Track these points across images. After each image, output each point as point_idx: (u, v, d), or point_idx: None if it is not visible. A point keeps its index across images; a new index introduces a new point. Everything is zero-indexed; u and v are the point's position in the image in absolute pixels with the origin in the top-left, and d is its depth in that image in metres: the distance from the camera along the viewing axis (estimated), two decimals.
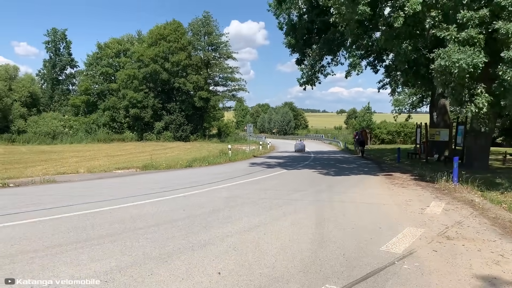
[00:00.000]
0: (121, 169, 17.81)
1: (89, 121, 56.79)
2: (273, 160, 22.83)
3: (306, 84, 22.34)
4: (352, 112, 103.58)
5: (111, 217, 7.17)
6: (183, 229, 6.34)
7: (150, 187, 11.26)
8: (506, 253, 5.27)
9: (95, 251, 5.08)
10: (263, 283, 4.12)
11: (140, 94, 52.06)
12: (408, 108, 39.90)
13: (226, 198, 9.40)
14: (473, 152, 15.91)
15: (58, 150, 35.68)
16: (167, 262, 4.73)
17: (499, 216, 7.53)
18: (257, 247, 5.40)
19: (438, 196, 9.77)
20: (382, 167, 18.42)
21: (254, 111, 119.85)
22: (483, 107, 10.74)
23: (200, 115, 55.44)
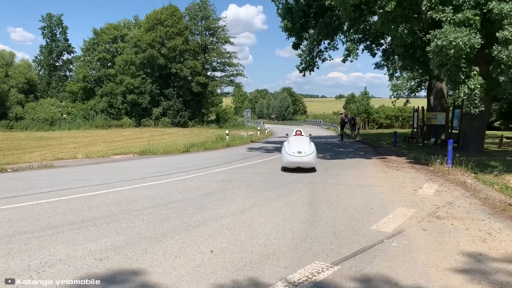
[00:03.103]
0: (119, 155, 17.87)
1: (86, 107, 56.64)
2: (270, 145, 22.89)
3: (305, 70, 22.33)
4: (350, 97, 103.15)
5: (107, 199, 7.27)
6: (178, 210, 6.44)
7: (147, 171, 11.35)
8: (493, 231, 5.39)
9: (90, 232, 5.19)
10: (254, 260, 4.23)
11: (138, 79, 51.81)
12: (407, 92, 39.87)
13: (222, 182, 9.50)
14: (468, 135, 15.98)
15: (56, 136, 35.69)
16: (161, 241, 4.84)
17: (490, 196, 7.65)
18: (250, 227, 5.51)
19: (431, 178, 9.88)
20: (379, 150, 18.51)
21: (253, 97, 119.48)
22: (475, 88, 10.80)
23: (198, 100, 55.29)
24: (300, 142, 11.29)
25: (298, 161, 10.56)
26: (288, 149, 10.90)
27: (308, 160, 10.57)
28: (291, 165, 10.75)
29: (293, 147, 10.91)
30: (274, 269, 3.99)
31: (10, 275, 3.76)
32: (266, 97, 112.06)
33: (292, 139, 11.76)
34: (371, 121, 49.22)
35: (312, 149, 10.86)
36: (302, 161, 10.54)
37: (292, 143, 11.16)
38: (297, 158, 10.50)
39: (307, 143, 11.19)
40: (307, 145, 11.04)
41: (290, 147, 10.92)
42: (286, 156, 10.73)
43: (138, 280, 3.70)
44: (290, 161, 10.63)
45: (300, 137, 12.23)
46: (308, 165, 10.70)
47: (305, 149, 10.77)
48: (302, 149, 10.71)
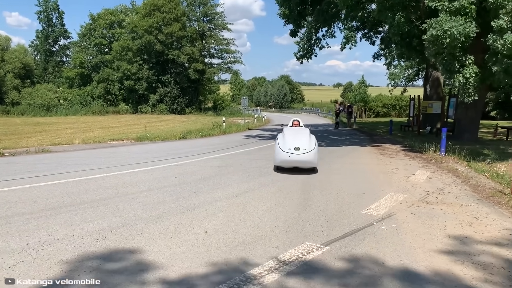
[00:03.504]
0: (115, 140, 17.95)
1: (83, 93, 56.44)
2: (267, 133, 22.99)
3: (303, 58, 22.32)
4: (348, 85, 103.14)
5: (104, 183, 7.38)
6: (174, 194, 6.56)
7: (143, 156, 11.45)
8: (480, 215, 5.54)
9: (88, 213, 5.30)
10: (247, 240, 4.37)
11: (135, 66, 51.55)
12: (404, 81, 39.89)
13: (217, 167, 9.62)
14: (463, 124, 16.13)
15: (53, 122, 35.66)
16: (157, 223, 4.97)
17: (480, 183, 7.80)
18: (243, 210, 5.64)
19: (424, 166, 10.03)
20: (374, 138, 18.65)
21: (250, 84, 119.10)
22: (470, 77, 10.90)
23: (195, 87, 55.14)
24: (298, 135, 9.14)
25: (295, 160, 8.50)
26: (283, 144, 8.70)
27: (307, 159, 8.49)
28: (286, 165, 8.74)
29: (289, 141, 8.68)
30: (265, 249, 4.12)
31: (9, 253, 3.88)
32: (264, 84, 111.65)
33: (288, 131, 9.62)
34: (368, 109, 49.28)
35: (313, 145, 8.69)
36: (300, 160, 8.48)
37: (288, 137, 8.96)
38: (293, 156, 8.45)
39: (306, 137, 9.00)
40: (307, 139, 8.83)
41: (285, 142, 8.70)
42: (280, 154, 8.65)
43: (134, 258, 3.83)
44: (285, 160, 8.59)
45: (298, 129, 10.10)
46: (307, 164, 8.66)
47: (304, 145, 8.58)
48: (300, 145, 8.53)
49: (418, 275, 3.56)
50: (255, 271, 3.57)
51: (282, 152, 8.57)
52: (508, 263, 3.91)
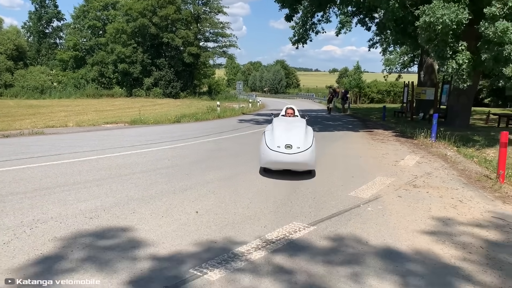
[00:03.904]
0: (109, 124, 17.95)
1: (77, 76, 55.95)
2: (261, 118, 23.06)
3: (298, 43, 22.25)
4: (344, 71, 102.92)
5: (97, 164, 7.47)
6: (166, 176, 6.67)
7: (137, 139, 11.51)
8: (465, 199, 5.70)
9: (81, 193, 5.40)
10: (236, 220, 4.50)
11: (129, 49, 51.11)
12: (399, 67, 39.92)
13: (210, 151, 9.71)
14: (455, 110, 16.28)
15: (47, 105, 35.46)
16: (149, 203, 5.08)
17: (468, 168, 7.97)
18: (234, 191, 5.77)
19: (414, 151, 10.19)
20: (367, 124, 18.79)
21: (246, 69, 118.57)
22: (463, 63, 11.00)
23: (190, 71, 54.83)
24: (291, 129, 7.10)
25: (285, 162, 6.47)
26: (271, 141, 6.66)
27: (302, 160, 6.46)
28: (275, 167, 6.80)
29: (279, 137, 6.64)
30: (254, 228, 4.26)
31: (4, 230, 3.98)
32: (259, 69, 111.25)
33: (278, 123, 7.57)
34: (363, 95, 49.38)
35: (310, 142, 6.69)
36: (293, 161, 6.45)
37: (278, 131, 6.91)
38: (284, 157, 6.38)
39: (301, 131, 7.00)
40: (301, 134, 6.83)
41: (274, 138, 6.67)
42: (266, 153, 6.60)
43: (126, 235, 3.94)
44: (274, 161, 6.54)
45: (291, 120, 8.03)
46: (302, 167, 6.70)
47: (298, 141, 6.55)
48: (293, 142, 6.51)
49: (400, 254, 3.71)
50: (243, 248, 3.70)
51: (269, 151, 6.50)
52: (487, 243, 4.07)
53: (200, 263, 3.34)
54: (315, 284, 3.06)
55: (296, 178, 6.62)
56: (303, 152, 6.44)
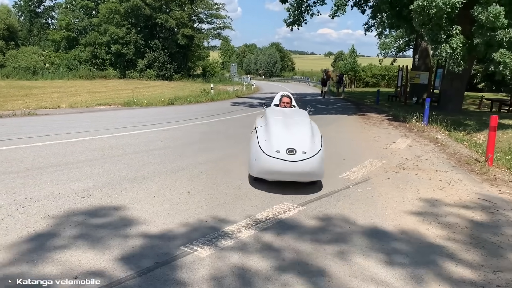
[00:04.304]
0: (102, 105, 17.87)
1: (70, 57, 55.26)
2: (255, 101, 23.04)
3: (293, 25, 22.06)
4: (339, 54, 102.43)
5: (90, 145, 7.48)
6: (159, 157, 6.71)
7: (130, 121, 11.50)
8: (453, 181, 5.80)
9: (73, 173, 5.43)
10: (227, 200, 4.56)
11: (122, 29, 50.45)
12: (394, 51, 39.84)
13: (203, 133, 9.74)
14: (448, 95, 16.35)
15: (39, 86, 35.10)
16: (142, 183, 5.13)
17: (457, 152, 8.07)
18: (226, 172, 5.83)
19: (406, 134, 10.28)
20: (361, 108, 18.86)
21: (241, 52, 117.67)
22: (457, 47, 11.02)
23: (184, 53, 54.34)
24: (292, 125, 5.35)
25: (288, 171, 4.69)
26: (267, 142, 4.89)
27: (309, 169, 4.71)
28: (273, 177, 4.92)
29: (278, 138, 4.90)
30: (244, 208, 4.33)
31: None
32: (254, 52, 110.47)
33: (273, 116, 5.77)
34: (358, 79, 49.30)
35: (319, 143, 4.99)
36: (298, 171, 4.68)
37: (276, 129, 5.16)
38: (286, 165, 4.63)
39: (306, 129, 5.26)
40: (307, 133, 5.10)
41: (272, 138, 4.92)
42: (262, 159, 4.77)
43: (118, 214, 4.00)
44: (271, 170, 4.75)
45: (290, 112, 6.17)
46: (309, 177, 4.93)
47: (304, 143, 4.82)
48: (296, 144, 4.77)
49: (386, 233, 3.80)
50: (233, 227, 3.77)
51: (264, 158, 4.70)
52: (472, 223, 4.17)
53: (191, 241, 3.41)
54: (302, 261, 3.15)
55: None
56: (311, 159, 4.63)
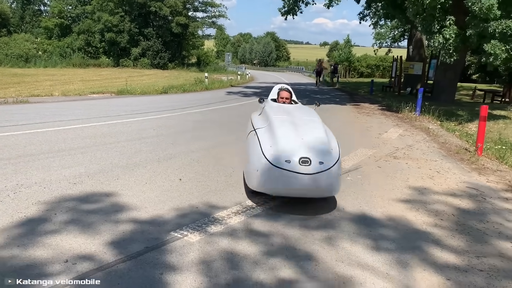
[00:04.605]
0: (96, 93, 17.78)
1: (63, 44, 54.69)
2: (250, 90, 23.00)
3: (288, 14, 21.96)
4: (335, 44, 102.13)
5: (82, 133, 7.47)
6: (151, 145, 6.72)
7: (123, 109, 11.47)
8: (442, 170, 5.88)
9: (65, 160, 5.44)
10: (218, 188, 4.60)
11: (116, 17, 49.94)
12: (390, 42, 39.82)
13: (197, 121, 9.74)
14: (442, 86, 16.43)
15: (32, 73, 34.79)
16: (133, 170, 5.15)
17: (448, 141, 8.15)
18: (218, 160, 5.86)
19: (398, 124, 10.35)
20: (354, 98, 18.90)
21: (236, 41, 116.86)
22: (450, 38, 11.05)
23: (179, 42, 53.95)
24: (302, 126, 4.35)
25: (302, 187, 3.68)
26: (272, 149, 3.91)
27: (327, 183, 3.75)
28: (281, 193, 3.91)
29: (288, 143, 3.90)
30: (235, 195, 4.37)
31: None
32: (249, 41, 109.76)
33: (275, 113, 4.76)
34: (352, 69, 49.33)
35: (337, 150, 4.14)
36: (313, 186, 3.68)
37: (281, 130, 4.17)
38: (299, 179, 3.64)
39: (320, 131, 4.31)
40: (322, 137, 4.16)
41: (278, 144, 3.92)
42: (267, 171, 3.79)
43: (109, 200, 4.02)
44: (280, 186, 3.76)
45: (294, 110, 5.05)
46: (326, 193, 3.96)
47: (319, 151, 3.85)
48: (311, 152, 3.77)
49: (374, 220, 3.86)
50: (223, 213, 3.82)
51: (271, 169, 3.74)
52: (458, 211, 4.24)
53: (181, 226, 3.45)
54: (291, 246, 3.20)
55: None
56: (328, 171, 3.67)
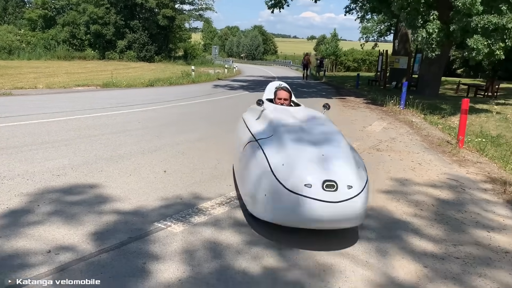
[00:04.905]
0: (81, 86, 17.58)
1: (47, 36, 53.78)
2: (236, 83, 22.99)
3: (274, 7, 21.95)
4: (322, 38, 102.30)
5: (66, 125, 7.41)
6: (136, 137, 6.71)
7: (108, 102, 11.38)
8: (424, 162, 5.99)
9: (49, 152, 5.41)
10: (203, 179, 4.63)
11: (101, 9, 49.28)
12: (376, 36, 40.04)
13: (183, 114, 9.74)
14: (426, 80, 16.65)
15: (15, 66, 34.20)
16: (118, 162, 5.14)
17: (431, 134, 8.29)
18: (204, 153, 5.88)
19: (382, 117, 10.47)
20: (340, 92, 19.03)
21: (223, 34, 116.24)
22: (433, 33, 11.18)
23: (165, 35, 53.47)
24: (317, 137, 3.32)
25: (326, 217, 2.76)
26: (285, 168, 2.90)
27: (357, 211, 2.84)
28: (297, 224, 2.96)
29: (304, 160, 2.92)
30: (219, 186, 4.41)
31: None
32: (237, 34, 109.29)
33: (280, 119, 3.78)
34: (339, 63, 49.54)
35: (364, 170, 3.16)
36: (340, 216, 2.80)
37: (295, 144, 3.13)
38: (325, 208, 2.70)
39: (343, 146, 3.26)
40: (346, 153, 3.13)
41: (295, 161, 2.92)
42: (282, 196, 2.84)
43: (93, 192, 4.03)
44: (300, 215, 2.79)
45: (303, 116, 4.16)
46: (351, 223, 3.00)
47: (347, 172, 2.88)
48: (338, 174, 2.82)
49: None
50: (207, 204, 3.85)
51: (287, 195, 2.83)
52: (438, 201, 4.34)
53: (165, 217, 3.48)
54: (273, 235, 3.25)
55: None
56: (360, 195, 2.84)
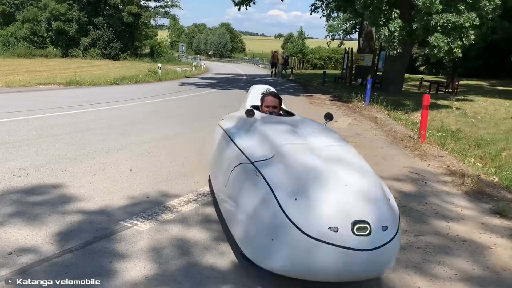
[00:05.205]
0: (43, 85, 17.02)
1: (6, 33, 51.69)
2: (204, 81, 22.86)
3: (241, 4, 21.92)
4: (289, 36, 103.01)
5: (28, 125, 7.18)
6: (101, 136, 6.57)
7: (71, 100, 11.08)
8: (387, 156, 6.16)
9: (9, 153, 5.23)
10: (170, 177, 4.60)
11: (64, 5, 47.79)
12: (342, 34, 40.68)
13: (149, 112, 9.60)
14: (390, 77, 17.07)
15: None
16: (82, 161, 5.03)
17: (394, 129, 8.53)
18: (171, 151, 5.83)
19: (348, 114, 10.68)
20: (307, 89, 19.24)
21: (190, 31, 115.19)
22: (395, 31, 11.49)
23: (131, 32, 52.44)
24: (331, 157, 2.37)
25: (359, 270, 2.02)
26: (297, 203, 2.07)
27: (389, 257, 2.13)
28: (317, 277, 2.06)
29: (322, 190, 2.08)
30: (187, 183, 4.39)
31: None
32: (204, 32, 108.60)
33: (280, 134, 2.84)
34: (306, 61, 50.06)
35: (394, 203, 2.35)
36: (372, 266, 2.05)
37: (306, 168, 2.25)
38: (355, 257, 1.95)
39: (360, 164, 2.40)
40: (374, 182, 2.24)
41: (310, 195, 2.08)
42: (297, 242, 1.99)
43: (56, 192, 3.93)
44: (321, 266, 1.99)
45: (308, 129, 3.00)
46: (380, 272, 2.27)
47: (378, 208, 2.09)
48: (367, 211, 2.03)
49: None
50: (175, 202, 3.84)
51: (304, 241, 1.99)
52: (401, 194, 4.48)
53: (131, 216, 3.44)
54: None
55: None
56: (396, 238, 2.17)
